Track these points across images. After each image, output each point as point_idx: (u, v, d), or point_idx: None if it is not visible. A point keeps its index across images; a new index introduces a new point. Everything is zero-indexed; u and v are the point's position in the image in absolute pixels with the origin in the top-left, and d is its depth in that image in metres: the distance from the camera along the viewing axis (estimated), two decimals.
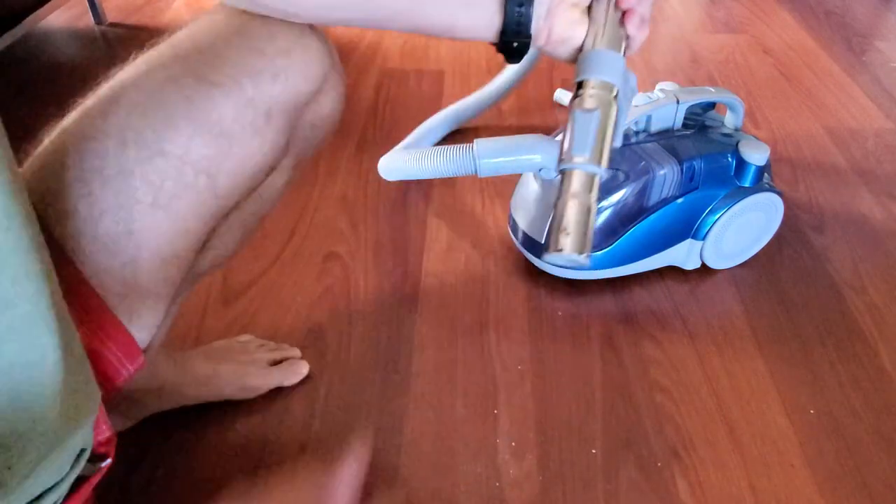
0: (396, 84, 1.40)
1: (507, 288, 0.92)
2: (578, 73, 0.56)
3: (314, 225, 1.02)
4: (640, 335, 0.85)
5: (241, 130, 0.50)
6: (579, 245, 0.50)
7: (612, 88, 0.55)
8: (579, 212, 0.51)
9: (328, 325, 0.86)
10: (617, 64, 0.56)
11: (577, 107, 0.54)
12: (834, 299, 0.91)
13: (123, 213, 0.47)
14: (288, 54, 0.52)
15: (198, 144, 0.48)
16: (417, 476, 0.70)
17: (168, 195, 0.48)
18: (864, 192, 1.11)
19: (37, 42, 1.54)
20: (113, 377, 0.49)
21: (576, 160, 0.52)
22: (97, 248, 0.47)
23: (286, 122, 0.54)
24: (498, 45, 0.57)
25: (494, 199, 1.07)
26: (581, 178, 0.52)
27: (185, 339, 0.83)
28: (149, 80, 0.49)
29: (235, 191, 0.52)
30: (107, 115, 0.47)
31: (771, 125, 1.28)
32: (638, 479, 0.70)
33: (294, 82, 0.53)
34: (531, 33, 0.55)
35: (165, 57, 0.50)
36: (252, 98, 0.50)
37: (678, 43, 1.60)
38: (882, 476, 0.70)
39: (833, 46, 1.58)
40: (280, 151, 0.55)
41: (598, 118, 0.53)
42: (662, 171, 0.83)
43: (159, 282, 0.50)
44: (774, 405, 0.77)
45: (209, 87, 0.49)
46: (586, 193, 0.52)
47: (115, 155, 0.47)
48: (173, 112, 0.48)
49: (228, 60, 0.50)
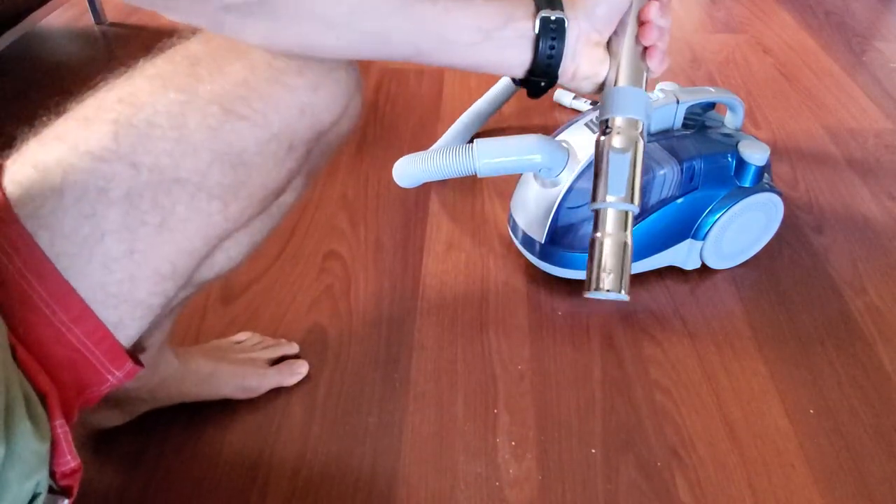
0: (396, 84, 1.40)
1: (507, 288, 0.92)
2: (605, 112, 0.56)
3: (314, 224, 1.02)
4: (640, 335, 0.85)
5: (262, 162, 0.50)
6: (620, 282, 0.53)
7: (639, 125, 0.56)
8: (617, 250, 0.54)
9: (328, 325, 0.86)
10: (642, 100, 0.56)
11: (608, 147, 0.55)
12: (834, 299, 0.91)
13: (127, 234, 0.46)
14: (316, 89, 0.51)
15: (215, 172, 0.48)
16: (417, 476, 0.70)
17: (178, 219, 0.47)
18: (864, 193, 1.11)
19: (37, 42, 1.54)
20: (98, 383, 0.49)
21: (611, 199, 0.54)
22: (95, 267, 0.46)
23: (306, 151, 0.54)
24: (523, 81, 0.57)
25: (494, 199, 1.07)
26: (616, 217, 0.54)
27: (185, 339, 0.83)
28: (167, 101, 0.47)
29: (245, 213, 0.52)
30: (118, 136, 0.45)
31: (771, 125, 1.28)
32: (638, 479, 0.70)
33: (320, 117, 0.52)
34: (559, 73, 0.56)
35: (184, 76, 0.48)
36: (277, 133, 0.50)
37: (678, 43, 1.60)
38: (882, 476, 0.70)
39: (833, 46, 1.58)
40: (295, 175, 0.55)
41: (630, 158, 0.54)
42: (662, 171, 0.83)
43: (154, 296, 0.50)
44: (774, 405, 0.77)
45: (235, 119, 0.48)
46: (622, 231, 0.54)
47: (127, 178, 0.45)
48: (194, 141, 0.47)
49: (255, 93, 0.48)
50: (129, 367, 0.50)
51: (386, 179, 1.11)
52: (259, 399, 0.76)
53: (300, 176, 0.58)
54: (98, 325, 0.47)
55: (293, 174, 0.54)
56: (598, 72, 0.57)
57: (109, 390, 0.50)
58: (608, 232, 0.54)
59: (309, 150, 0.54)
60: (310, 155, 0.56)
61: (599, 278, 0.53)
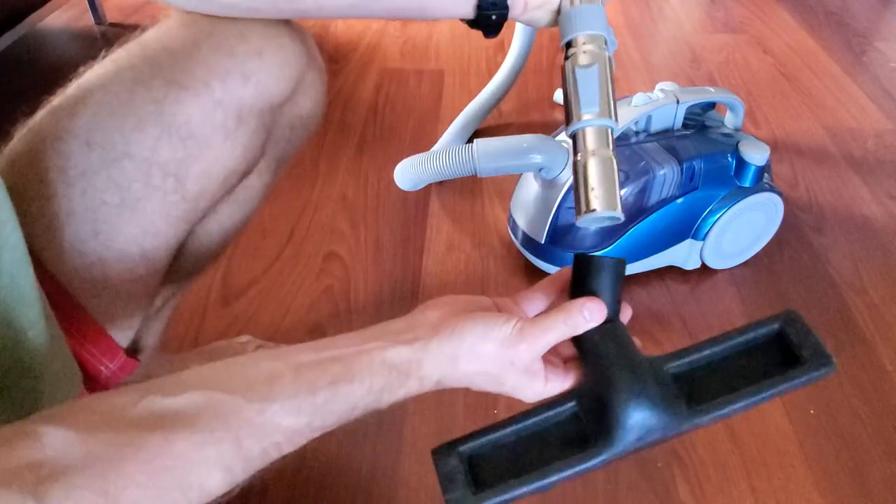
0: (396, 84, 1.40)
1: (507, 288, 0.92)
2: (565, 34, 0.54)
3: (314, 225, 1.02)
4: (640, 335, 0.84)
5: (210, 133, 0.49)
6: (610, 200, 0.48)
7: (602, 40, 0.53)
8: (603, 168, 0.49)
9: (328, 325, 0.86)
10: (600, 16, 0.54)
11: (574, 66, 0.52)
12: (834, 299, 0.91)
13: (90, 214, 0.47)
14: (260, 55, 0.50)
15: (165, 147, 0.48)
16: (417, 476, 0.70)
17: (135, 197, 0.48)
18: (864, 193, 1.11)
19: (37, 42, 1.54)
20: (94, 375, 0.49)
21: (586, 117, 0.50)
22: (64, 249, 0.47)
23: (259, 125, 0.53)
24: (474, 21, 0.55)
25: (494, 199, 1.07)
26: (596, 134, 0.50)
27: (185, 339, 0.83)
28: (117, 81, 0.48)
29: (206, 193, 0.52)
30: (74, 116, 0.47)
31: (771, 125, 1.28)
32: (638, 479, 0.70)
33: (266, 84, 0.51)
34: (508, 3, 0.54)
35: (134, 58, 0.49)
36: (221, 100, 0.49)
37: (678, 43, 1.60)
38: (882, 476, 0.70)
39: (833, 46, 1.58)
40: (254, 154, 0.54)
41: (599, 71, 0.51)
42: (662, 171, 0.83)
43: (130, 282, 0.50)
44: (774, 405, 0.77)
45: (178, 89, 0.48)
46: (605, 148, 0.50)
47: (81, 156, 0.46)
48: (141, 114, 0.47)
49: (198, 62, 0.49)
50: (122, 358, 0.50)
51: (386, 180, 1.11)
52: None
53: (264, 159, 0.57)
54: (84, 313, 0.48)
55: (251, 152, 0.53)
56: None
57: (108, 383, 0.50)
58: (590, 150, 0.49)
59: (265, 126, 0.53)
60: (269, 135, 0.55)
61: (589, 200, 0.49)
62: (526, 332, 0.41)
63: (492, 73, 1.44)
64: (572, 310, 0.42)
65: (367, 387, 0.39)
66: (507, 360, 0.41)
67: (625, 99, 0.89)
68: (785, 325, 0.44)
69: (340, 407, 0.38)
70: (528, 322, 0.42)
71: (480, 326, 0.41)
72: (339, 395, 0.38)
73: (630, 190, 0.84)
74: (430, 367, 0.41)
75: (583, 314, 0.42)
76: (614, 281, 0.44)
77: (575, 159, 0.51)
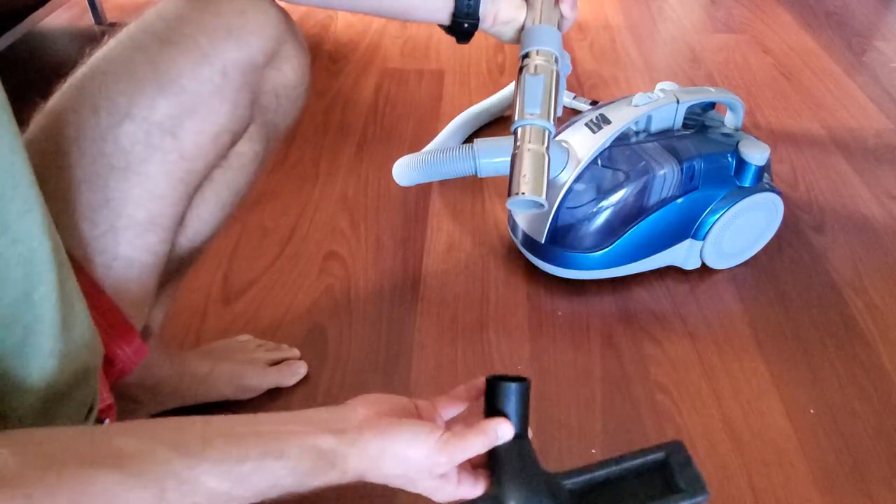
0: (396, 84, 1.40)
1: (507, 288, 0.92)
2: (523, 47, 0.65)
3: (314, 224, 1.02)
4: (640, 335, 0.85)
5: (199, 87, 0.52)
6: (537, 188, 0.57)
7: (553, 56, 0.63)
8: (535, 160, 0.58)
9: (328, 325, 0.86)
10: (555, 37, 0.65)
11: (526, 72, 0.62)
12: (834, 299, 0.91)
13: (101, 181, 0.49)
14: (243, 14, 0.54)
15: (161, 104, 0.51)
16: None
17: (139, 159, 0.50)
18: (864, 192, 1.11)
19: (37, 42, 1.54)
20: (111, 357, 0.51)
21: (528, 116, 0.60)
22: (77, 220, 0.49)
23: (244, 83, 0.55)
24: (449, 27, 0.65)
25: (494, 199, 1.07)
26: (534, 132, 0.60)
27: (185, 339, 0.83)
28: (119, 50, 0.52)
29: (201, 152, 0.54)
30: (82, 88, 0.50)
31: (771, 125, 1.28)
32: None
33: (248, 40, 0.55)
34: (479, 16, 0.64)
35: (133, 29, 0.53)
36: (207, 54, 0.52)
37: (678, 43, 1.60)
38: (882, 476, 0.70)
39: (833, 46, 1.58)
40: (241, 113, 0.57)
41: (545, 80, 0.61)
42: (662, 171, 0.83)
43: (141, 250, 0.52)
44: (774, 405, 0.77)
45: (169, 47, 0.51)
46: (539, 144, 0.59)
47: (89, 122, 0.49)
48: (140, 76, 0.51)
49: (187, 22, 0.53)
50: (137, 342, 0.52)
51: (386, 179, 1.11)
52: (258, 400, 0.76)
53: (254, 125, 0.60)
54: (101, 293, 0.50)
55: (238, 109, 0.56)
56: (516, 17, 0.67)
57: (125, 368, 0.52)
58: (527, 145, 0.59)
59: (249, 85, 0.56)
60: (256, 98, 0.58)
61: (519, 184, 0.57)
62: (450, 445, 0.45)
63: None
64: (487, 429, 0.48)
65: (291, 466, 0.41)
66: (427, 467, 0.45)
67: (625, 99, 0.89)
68: (668, 455, 0.50)
69: (263, 481, 0.40)
70: (451, 435, 0.46)
71: (408, 433, 0.45)
72: (265, 469, 0.40)
73: (630, 190, 0.84)
74: (355, 461, 0.44)
75: (496, 433, 0.48)
76: (522, 403, 0.50)
77: (514, 151, 0.60)
